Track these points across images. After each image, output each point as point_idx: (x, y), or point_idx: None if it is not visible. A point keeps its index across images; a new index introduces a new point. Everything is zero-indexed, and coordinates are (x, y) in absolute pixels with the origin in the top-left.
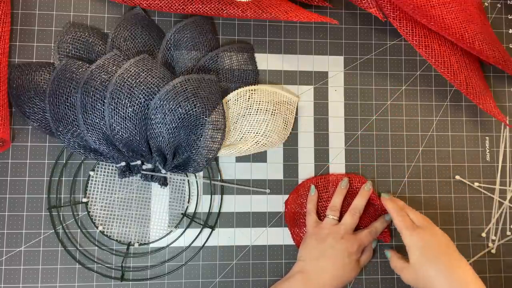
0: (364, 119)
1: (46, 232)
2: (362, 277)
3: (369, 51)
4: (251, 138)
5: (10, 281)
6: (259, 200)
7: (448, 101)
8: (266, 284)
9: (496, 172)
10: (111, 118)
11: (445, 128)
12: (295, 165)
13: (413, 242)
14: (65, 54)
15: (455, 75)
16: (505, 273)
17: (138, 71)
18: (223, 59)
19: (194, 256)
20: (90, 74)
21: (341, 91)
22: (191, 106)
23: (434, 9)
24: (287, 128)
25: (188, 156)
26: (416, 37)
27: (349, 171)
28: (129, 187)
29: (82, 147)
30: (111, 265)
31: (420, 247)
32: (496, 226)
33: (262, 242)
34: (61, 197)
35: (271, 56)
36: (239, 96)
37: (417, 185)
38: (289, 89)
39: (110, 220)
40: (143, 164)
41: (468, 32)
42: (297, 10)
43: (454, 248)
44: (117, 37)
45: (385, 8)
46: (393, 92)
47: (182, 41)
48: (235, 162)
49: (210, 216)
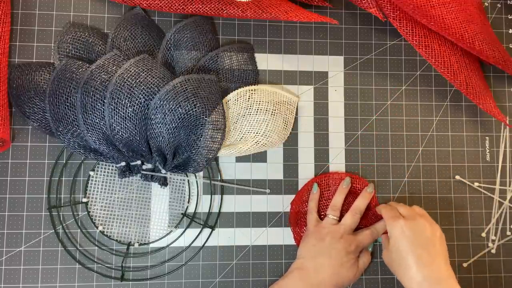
0: (364, 119)
1: (46, 232)
2: (362, 277)
3: (369, 51)
4: (251, 138)
5: (10, 281)
6: (259, 200)
7: (448, 101)
8: (266, 284)
9: (496, 172)
10: (111, 118)
11: (445, 128)
12: (295, 165)
13: (393, 230)
14: (65, 54)
15: (455, 75)
16: (505, 273)
17: (138, 71)
18: (223, 59)
19: (194, 256)
20: (90, 74)
21: (341, 91)
22: (191, 106)
23: (434, 9)
24: (287, 128)
25: (188, 156)
26: (416, 37)
27: (349, 171)
28: (129, 187)
29: (82, 147)
30: (111, 265)
31: (398, 235)
32: (496, 226)
33: (262, 242)
34: (61, 197)
35: (271, 56)
36: (239, 96)
37: (417, 185)
38: (289, 89)
39: (110, 220)
40: (143, 164)
41: (468, 32)
42: (297, 10)
43: (438, 242)
44: (117, 37)
45: (385, 8)
46: (393, 92)
47: (182, 41)
48: (235, 162)
49: (210, 216)
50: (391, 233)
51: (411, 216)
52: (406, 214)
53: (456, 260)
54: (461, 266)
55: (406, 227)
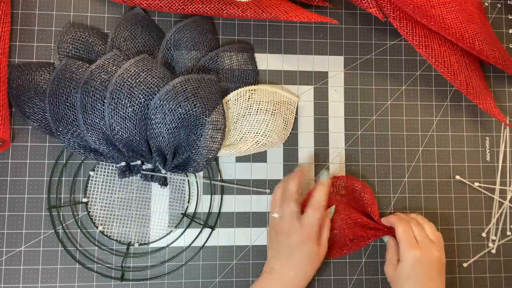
0: (364, 119)
1: (46, 232)
2: (363, 277)
3: (369, 51)
4: (251, 138)
5: (10, 281)
6: (259, 200)
7: (448, 101)
8: None
9: (496, 172)
10: (111, 118)
11: (445, 128)
12: (295, 165)
13: (407, 255)
14: (65, 54)
15: (455, 75)
16: (505, 273)
17: (138, 71)
18: (223, 59)
19: (194, 256)
20: (90, 74)
21: (341, 91)
22: (191, 106)
23: (434, 9)
24: (287, 128)
25: (188, 156)
26: (416, 37)
27: (349, 171)
28: (129, 187)
29: (82, 147)
30: (111, 265)
31: (411, 263)
32: (496, 226)
33: (262, 242)
34: (61, 197)
35: (271, 56)
36: (239, 96)
37: (417, 185)
38: (289, 89)
39: (110, 220)
40: (143, 164)
41: (468, 32)
42: (297, 10)
43: (443, 271)
44: (117, 37)
45: (385, 8)
46: (393, 92)
47: (182, 41)
48: (235, 162)
49: (210, 216)
50: (405, 257)
51: (426, 246)
52: (420, 240)
53: (456, 260)
54: (461, 266)
55: (421, 258)
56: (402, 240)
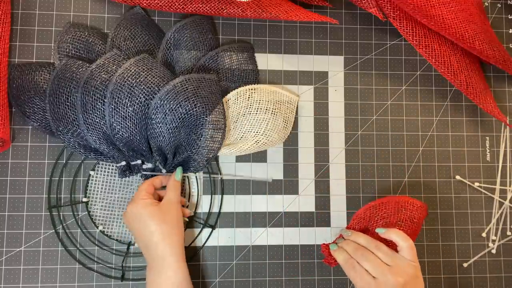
0: (364, 119)
1: (46, 232)
2: None
3: (369, 51)
4: (251, 137)
5: (10, 281)
6: (259, 200)
7: (448, 101)
8: (266, 284)
9: (496, 172)
10: (112, 118)
11: (445, 128)
12: (295, 165)
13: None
14: (65, 54)
15: (455, 75)
16: (505, 273)
17: (138, 71)
18: (223, 58)
19: (194, 256)
20: (90, 74)
21: (341, 91)
22: (191, 106)
23: (434, 9)
24: (287, 127)
25: (188, 156)
26: (416, 37)
27: (349, 171)
28: (129, 186)
29: (82, 146)
30: (112, 264)
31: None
32: (496, 226)
33: (262, 242)
34: (61, 197)
35: (271, 56)
36: (239, 96)
37: (417, 185)
38: (289, 89)
39: (110, 220)
40: (143, 164)
41: (468, 32)
42: (297, 10)
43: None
44: (117, 36)
45: (385, 8)
46: (393, 92)
47: (182, 40)
48: (235, 162)
49: (210, 216)
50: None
51: (412, 274)
52: (376, 274)
53: (456, 260)
54: (461, 266)
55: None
56: (357, 286)
